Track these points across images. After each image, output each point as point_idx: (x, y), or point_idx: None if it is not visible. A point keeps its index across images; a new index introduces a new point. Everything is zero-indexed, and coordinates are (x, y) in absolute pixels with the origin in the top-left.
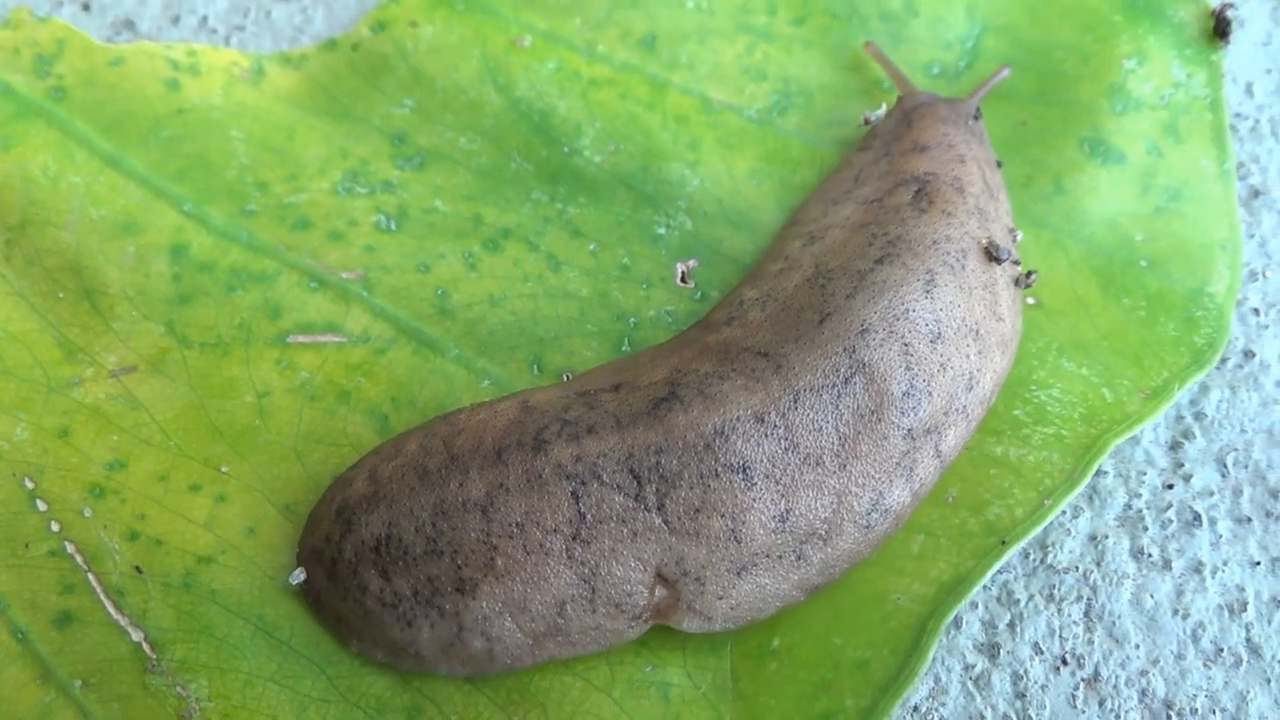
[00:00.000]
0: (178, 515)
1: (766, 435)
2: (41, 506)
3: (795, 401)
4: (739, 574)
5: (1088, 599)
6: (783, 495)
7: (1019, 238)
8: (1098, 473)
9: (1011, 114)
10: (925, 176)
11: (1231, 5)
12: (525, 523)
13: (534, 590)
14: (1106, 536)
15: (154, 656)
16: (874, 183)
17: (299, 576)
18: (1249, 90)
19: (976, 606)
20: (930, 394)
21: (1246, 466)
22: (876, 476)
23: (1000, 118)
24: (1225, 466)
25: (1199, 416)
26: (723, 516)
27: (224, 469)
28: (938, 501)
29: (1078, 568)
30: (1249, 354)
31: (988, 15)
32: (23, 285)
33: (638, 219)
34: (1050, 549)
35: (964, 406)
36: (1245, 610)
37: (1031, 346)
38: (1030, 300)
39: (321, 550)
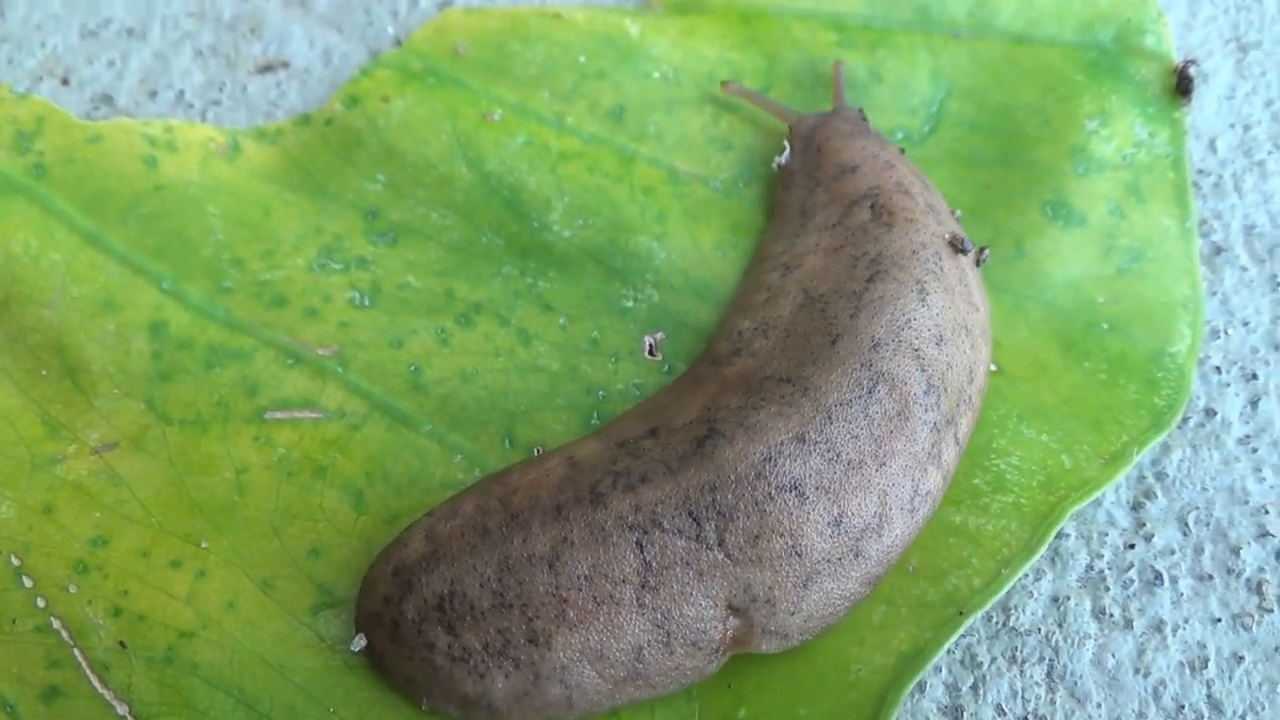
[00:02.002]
0: (159, 591)
1: (810, 452)
2: (27, 583)
3: (829, 418)
4: (806, 586)
5: (1050, 660)
6: (834, 502)
7: (959, 215)
8: (1060, 535)
9: (974, 178)
10: (872, 192)
11: (1194, 62)
12: (593, 575)
13: (610, 638)
14: (1068, 598)
15: None
16: (823, 211)
17: (359, 643)
18: (1212, 146)
19: (940, 669)
20: (945, 389)
21: (1208, 524)
22: (913, 468)
23: (963, 182)
24: (1187, 525)
25: (1160, 476)
26: (782, 536)
27: (204, 544)
28: (899, 571)
29: (1040, 629)
30: (1210, 412)
31: (952, 79)
32: (6, 362)
33: (606, 293)
34: (1013, 611)
35: (969, 397)
36: (1206, 667)
37: (992, 414)
38: (993, 367)
39: (380, 613)
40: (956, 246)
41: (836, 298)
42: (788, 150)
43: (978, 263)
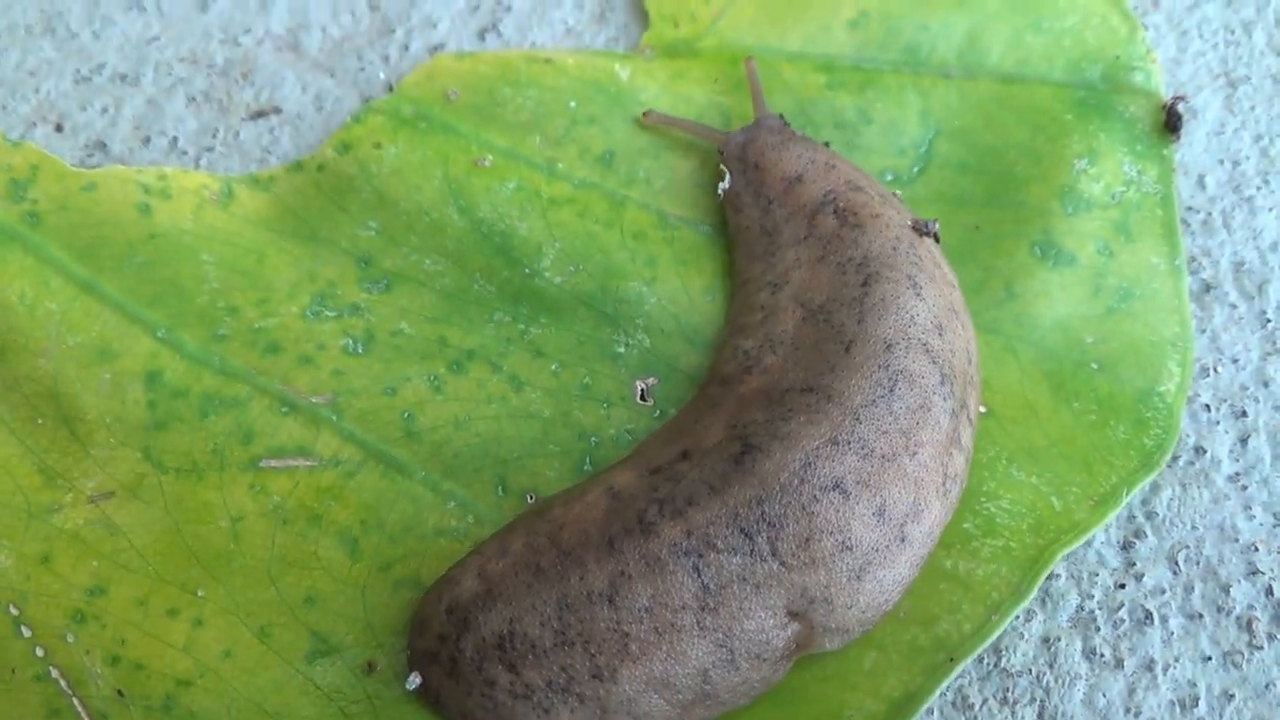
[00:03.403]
0: (157, 639)
1: (845, 452)
2: (26, 632)
3: (858, 418)
4: (860, 578)
5: (1041, 701)
6: (875, 494)
7: (899, 195)
8: (1050, 575)
9: (963, 219)
10: (829, 198)
11: (1183, 98)
12: (653, 605)
13: (674, 665)
14: (1059, 638)
15: None
16: (788, 226)
17: (414, 681)
18: (1201, 183)
19: (932, 712)
20: (954, 375)
21: (1198, 563)
22: (940, 454)
23: (953, 223)
24: (1177, 564)
25: (1150, 515)
26: (831, 534)
27: (200, 593)
28: (890, 617)
29: (1031, 670)
30: (1200, 450)
31: (941, 119)
32: (2, 411)
33: (598, 338)
34: (1004, 652)
35: (971, 377)
36: (1197, 705)
37: (982, 457)
38: (983, 409)
39: (437, 651)
40: (921, 230)
41: (837, 306)
42: (727, 175)
43: (936, 239)
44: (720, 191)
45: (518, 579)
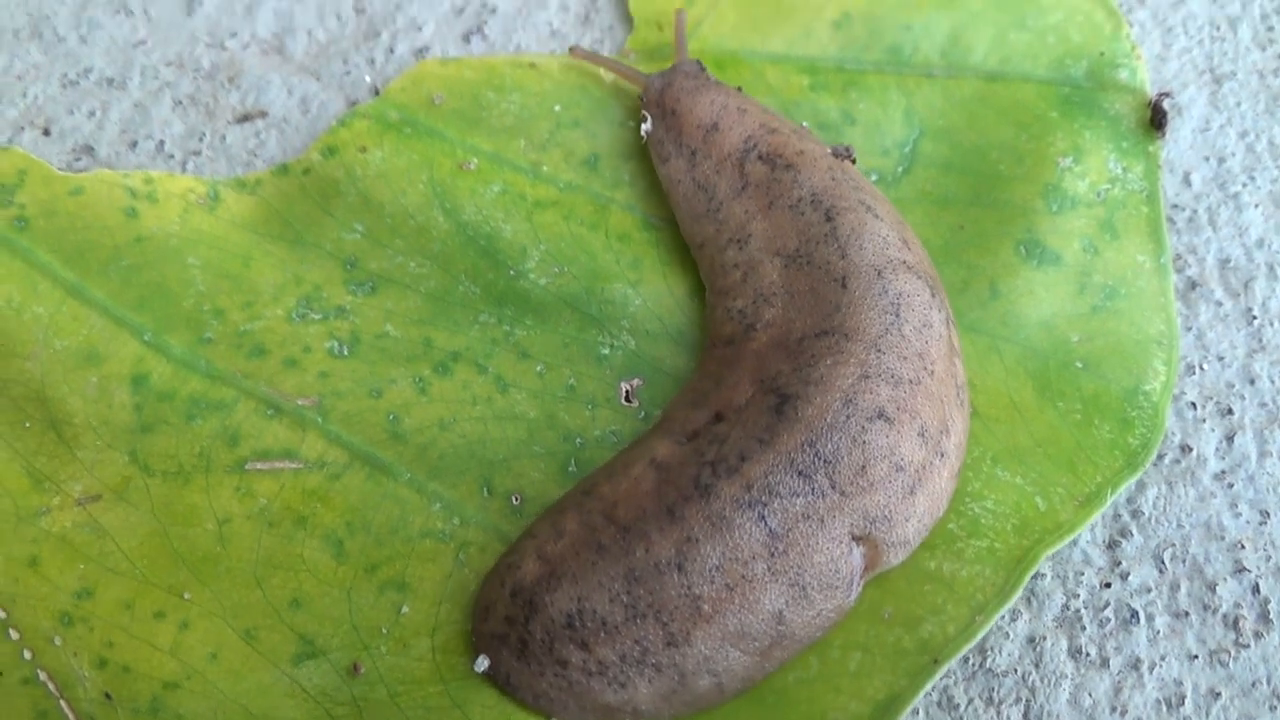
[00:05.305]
0: (144, 642)
1: (878, 383)
2: (14, 635)
3: (879, 350)
4: (913, 494)
5: (1026, 700)
6: (913, 416)
7: (805, 125)
8: (1036, 575)
9: (947, 219)
10: (749, 145)
11: (1168, 95)
12: (723, 563)
13: (748, 615)
14: (1045, 638)
15: None
16: (720, 179)
17: (482, 664)
18: (1186, 180)
19: (917, 712)
20: (934, 283)
21: (1184, 561)
22: (948, 365)
23: (937, 223)
24: (1163, 562)
25: (1136, 514)
26: (883, 459)
27: (186, 596)
28: (874, 619)
29: (1016, 670)
30: (1186, 449)
31: (925, 119)
32: None
33: (583, 340)
34: (989, 652)
35: (939, 280)
36: (1183, 704)
37: (967, 457)
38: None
39: (505, 634)
40: (841, 156)
41: (813, 246)
42: (648, 119)
43: (854, 161)
44: (643, 134)
45: (580, 558)
